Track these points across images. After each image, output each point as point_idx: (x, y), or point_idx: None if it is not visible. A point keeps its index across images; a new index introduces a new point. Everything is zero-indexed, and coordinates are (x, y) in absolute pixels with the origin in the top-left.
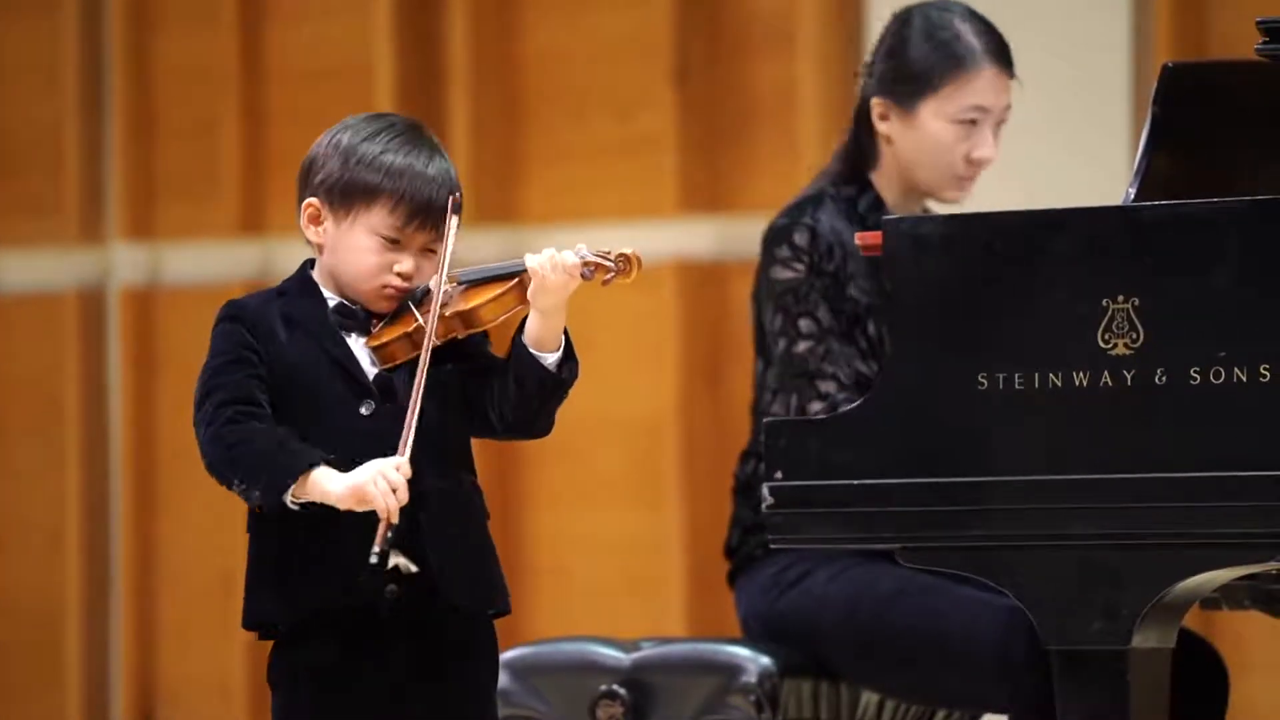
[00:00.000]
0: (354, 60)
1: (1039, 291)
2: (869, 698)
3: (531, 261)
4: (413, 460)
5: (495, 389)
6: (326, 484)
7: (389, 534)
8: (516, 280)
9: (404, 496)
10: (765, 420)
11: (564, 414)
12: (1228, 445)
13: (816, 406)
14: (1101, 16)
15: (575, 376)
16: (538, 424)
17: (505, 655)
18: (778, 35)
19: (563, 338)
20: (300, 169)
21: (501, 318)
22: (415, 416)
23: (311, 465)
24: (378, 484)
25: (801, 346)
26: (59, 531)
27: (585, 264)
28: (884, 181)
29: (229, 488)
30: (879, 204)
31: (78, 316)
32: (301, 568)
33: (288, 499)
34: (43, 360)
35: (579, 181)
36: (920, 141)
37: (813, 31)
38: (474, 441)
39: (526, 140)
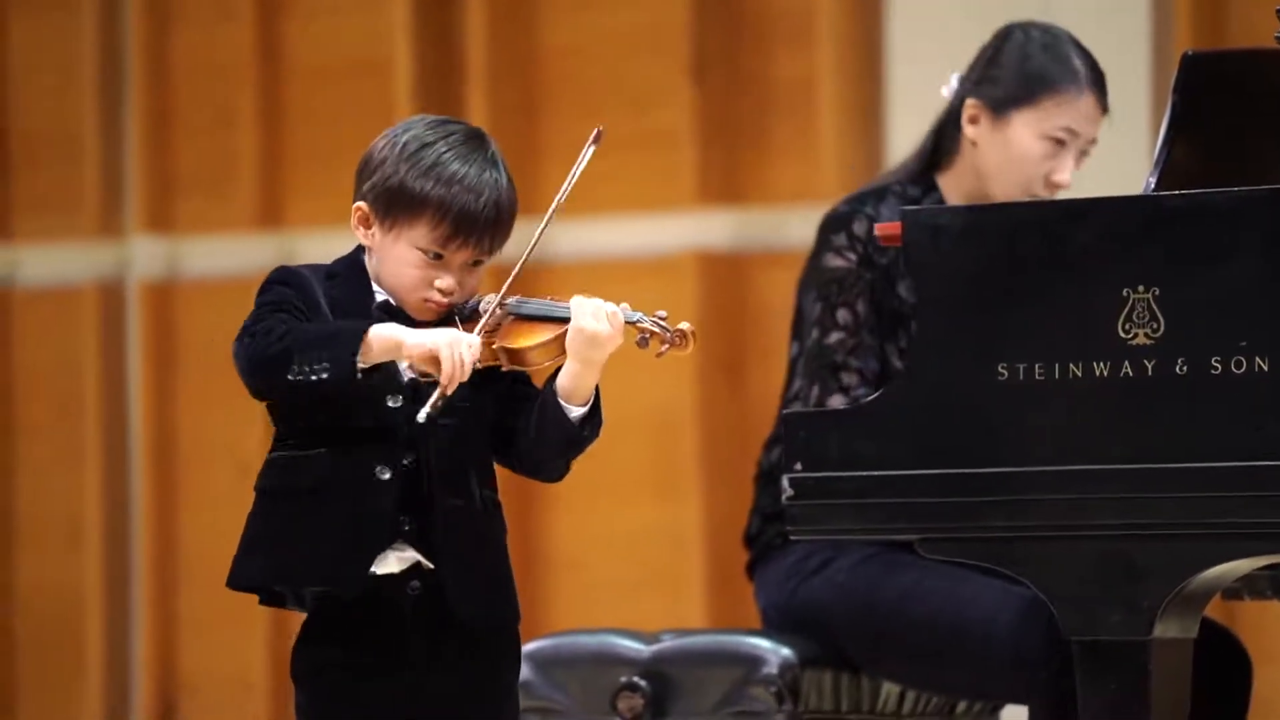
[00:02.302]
0: (371, 55)
1: (1059, 282)
2: (889, 689)
3: (577, 312)
4: (425, 471)
5: (520, 425)
6: (397, 333)
7: (440, 402)
8: (567, 326)
9: (468, 373)
10: (785, 412)
11: None
12: (1249, 435)
13: (837, 400)
14: (1121, 5)
15: (595, 436)
16: (551, 471)
17: (526, 648)
18: (795, 29)
19: (593, 393)
20: (358, 165)
21: (546, 363)
22: (498, 304)
23: (370, 324)
24: (453, 350)
25: (833, 338)
26: (79, 525)
27: (641, 330)
28: (951, 186)
29: (282, 380)
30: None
31: (97, 310)
32: (293, 543)
33: (359, 362)
34: (62, 354)
35: (597, 175)
36: (1007, 151)
37: (830, 25)
38: None
39: (544, 135)
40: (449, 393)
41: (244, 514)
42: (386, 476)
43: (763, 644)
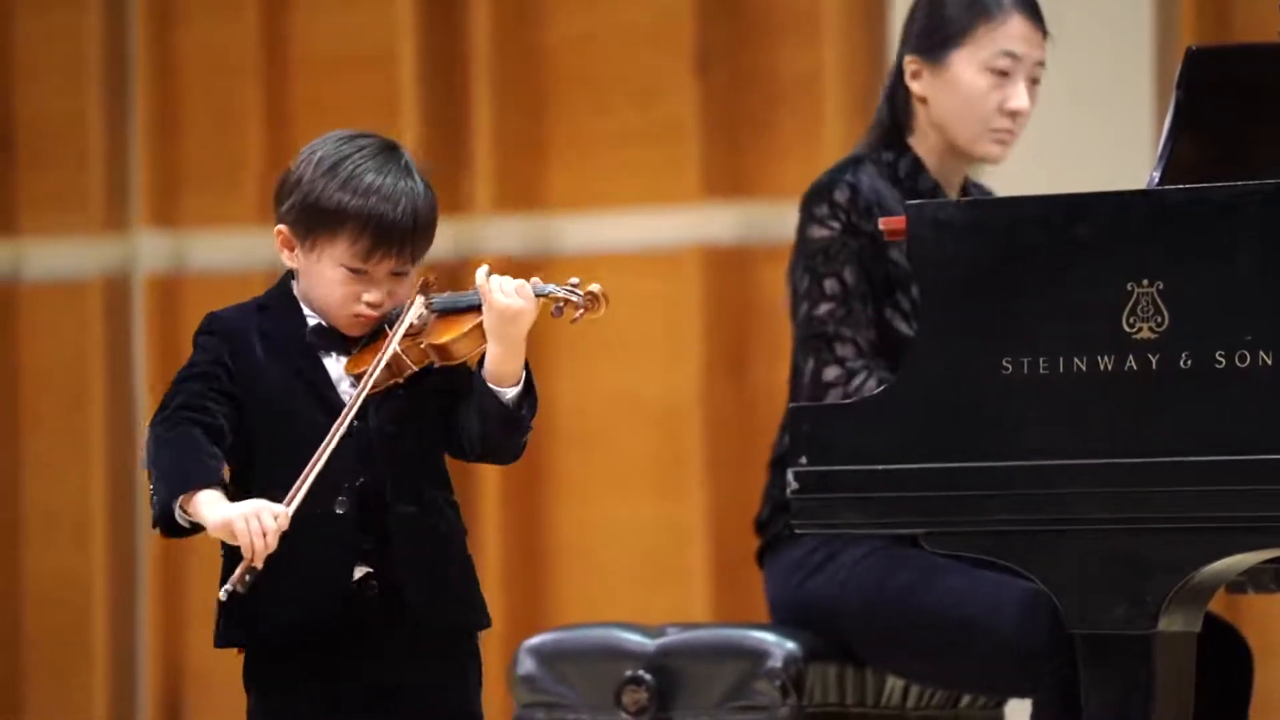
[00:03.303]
0: (377, 50)
1: (1063, 276)
2: (894, 683)
3: (481, 279)
4: (376, 485)
5: (463, 416)
6: (205, 508)
7: (247, 576)
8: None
9: (273, 543)
10: (790, 406)
11: (588, 400)
12: (1254, 429)
13: (832, 373)
14: (1126, 1)
15: (533, 413)
16: (500, 454)
17: (531, 641)
18: (800, 21)
19: (523, 372)
20: (274, 188)
21: (476, 351)
22: (315, 469)
23: (201, 485)
24: (250, 524)
25: (823, 309)
26: (85, 518)
27: (554, 299)
28: (922, 145)
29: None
30: (919, 166)
31: (103, 304)
32: (268, 597)
33: (177, 511)
34: (68, 348)
35: (602, 169)
36: (954, 93)
37: (836, 17)
38: None
39: (549, 128)
40: (256, 565)
41: None
42: (343, 511)
43: (767, 637)
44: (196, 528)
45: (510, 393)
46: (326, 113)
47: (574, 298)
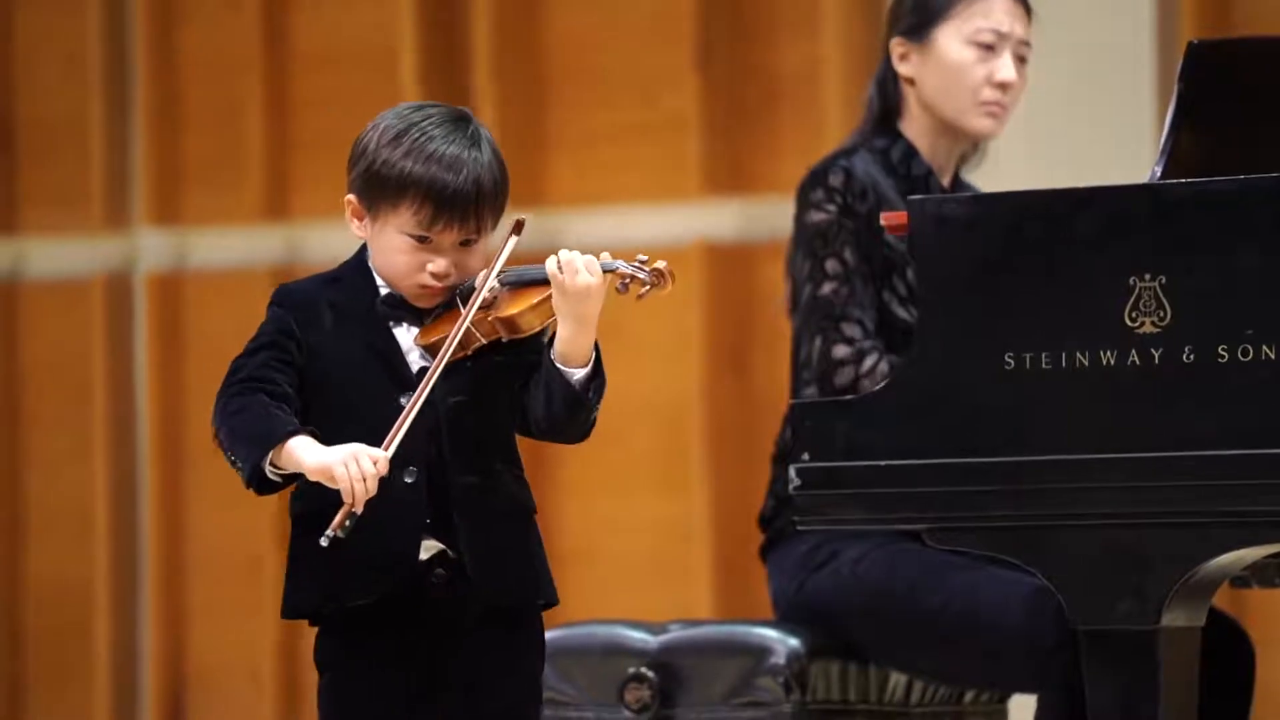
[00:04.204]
0: (378, 44)
1: (1065, 270)
2: (897, 679)
3: (551, 265)
4: (444, 456)
5: (532, 392)
6: (301, 453)
7: (347, 521)
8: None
9: (373, 488)
10: (792, 402)
11: None
12: (1256, 422)
13: (842, 350)
14: None
15: (600, 396)
16: (566, 433)
17: None
18: (801, 17)
19: (592, 353)
20: (348, 158)
21: (543, 325)
22: (410, 417)
23: (291, 433)
24: (349, 468)
25: (826, 289)
26: (87, 517)
27: (620, 275)
28: (914, 129)
29: (230, 465)
30: (912, 152)
31: (104, 303)
32: (342, 562)
33: (266, 466)
34: (70, 346)
35: (603, 164)
36: (941, 69)
37: (836, 13)
38: None
39: (550, 124)
40: (356, 510)
41: (252, 505)
42: (412, 480)
43: (770, 634)
44: (290, 480)
45: (579, 373)
46: (328, 109)
47: (640, 274)
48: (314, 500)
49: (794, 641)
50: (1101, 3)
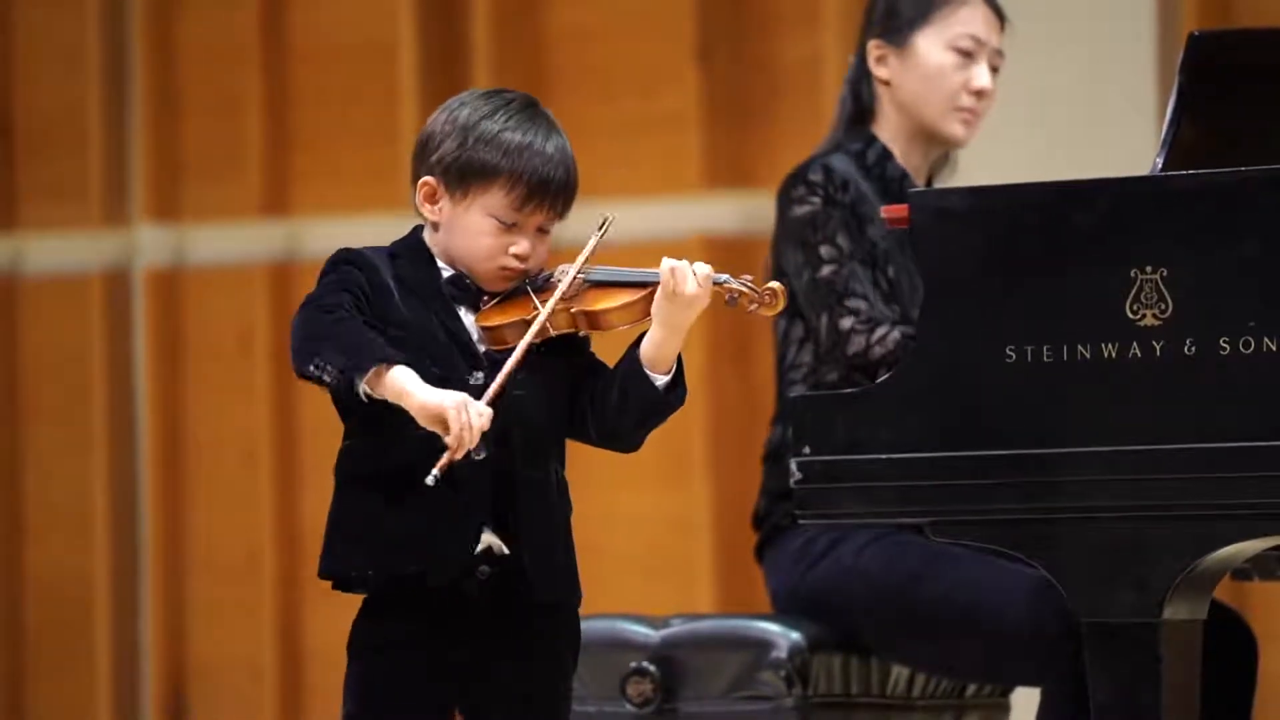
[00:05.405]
0: (377, 38)
1: (1066, 263)
2: (899, 672)
3: (665, 268)
4: (511, 445)
5: (597, 395)
6: (409, 384)
7: (448, 466)
8: (649, 290)
9: (476, 438)
10: (792, 396)
11: None
12: (1258, 415)
13: (849, 322)
14: None
15: (680, 403)
16: (629, 441)
17: None
18: (801, 11)
19: (676, 362)
20: (416, 144)
21: (626, 326)
22: (506, 376)
23: (400, 361)
24: (461, 414)
25: (826, 271)
26: (86, 514)
27: (729, 290)
28: (888, 132)
29: (306, 372)
30: (886, 154)
31: (103, 299)
32: (391, 530)
33: (361, 384)
34: (68, 343)
35: (603, 159)
36: (921, 72)
37: (836, 7)
38: None
39: None
40: (458, 458)
41: (251, 500)
42: (483, 456)
43: (772, 628)
44: (374, 404)
45: (661, 380)
46: (327, 102)
47: (750, 290)
48: (367, 462)
49: (796, 635)
50: None
